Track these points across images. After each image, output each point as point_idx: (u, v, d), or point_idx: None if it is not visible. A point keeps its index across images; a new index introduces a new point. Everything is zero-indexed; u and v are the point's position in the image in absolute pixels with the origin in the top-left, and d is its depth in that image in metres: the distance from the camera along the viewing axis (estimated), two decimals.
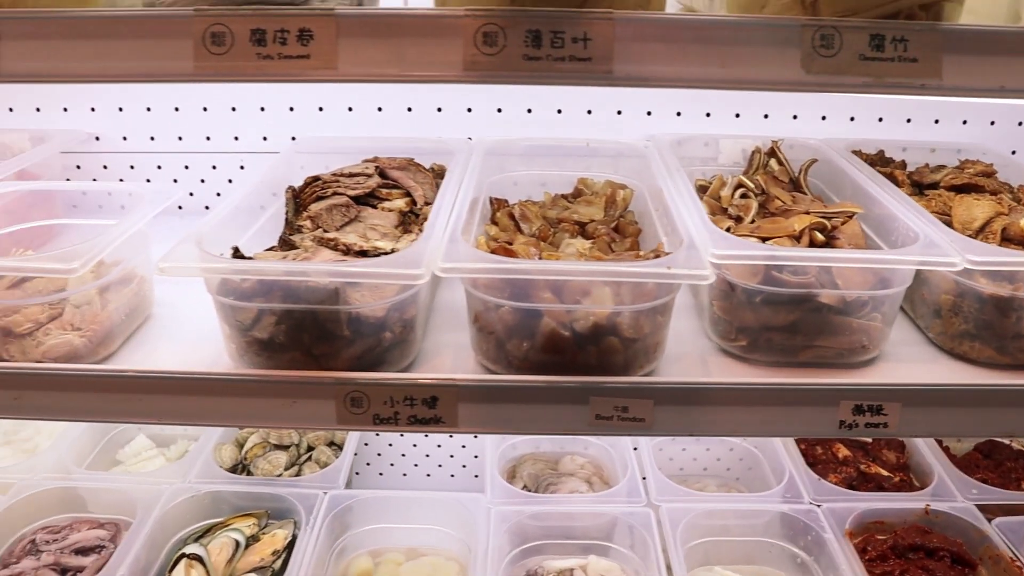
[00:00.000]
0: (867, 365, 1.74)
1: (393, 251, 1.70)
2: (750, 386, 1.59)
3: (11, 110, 2.53)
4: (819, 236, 1.81)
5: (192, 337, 1.81)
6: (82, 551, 2.38)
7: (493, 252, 1.62)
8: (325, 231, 1.86)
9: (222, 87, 2.44)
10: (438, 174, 2.18)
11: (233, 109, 2.45)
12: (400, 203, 2.02)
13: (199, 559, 2.28)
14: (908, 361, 1.76)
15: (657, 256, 1.62)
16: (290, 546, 2.37)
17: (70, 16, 1.35)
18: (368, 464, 3.04)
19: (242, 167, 2.52)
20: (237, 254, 1.68)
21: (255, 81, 1.33)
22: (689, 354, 1.77)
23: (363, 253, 1.72)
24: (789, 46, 1.34)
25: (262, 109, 2.44)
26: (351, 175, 2.07)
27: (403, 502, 2.56)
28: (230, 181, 2.54)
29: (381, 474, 3.06)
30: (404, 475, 3.06)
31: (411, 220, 2.00)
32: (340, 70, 1.32)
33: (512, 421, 1.60)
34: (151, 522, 2.35)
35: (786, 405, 1.60)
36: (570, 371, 1.59)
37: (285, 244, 1.83)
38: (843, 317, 1.69)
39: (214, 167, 2.53)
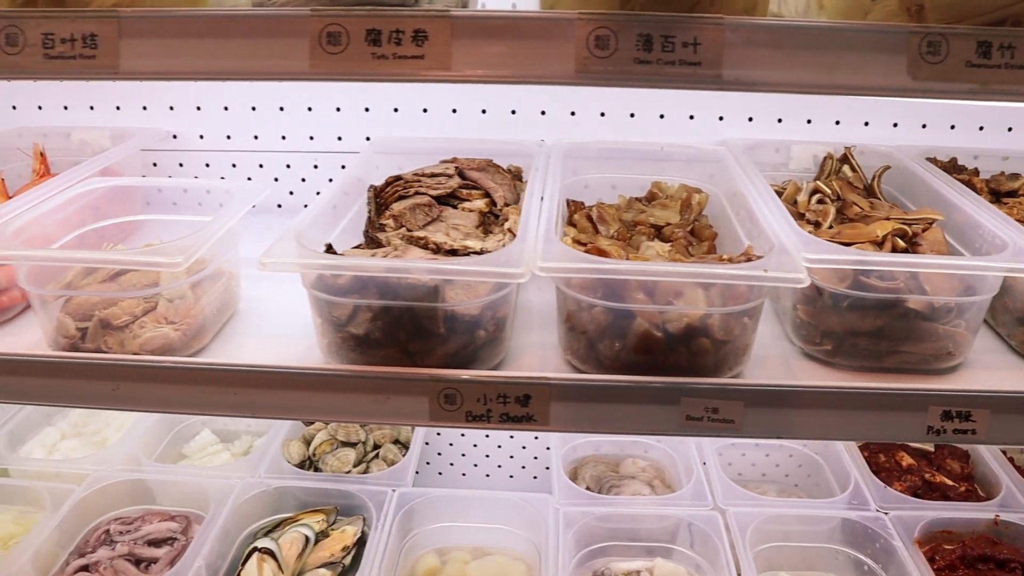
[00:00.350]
0: (951, 372, 1.74)
1: (483, 251, 1.73)
2: (841, 390, 1.60)
3: (92, 108, 2.58)
4: (900, 242, 1.82)
5: (279, 332, 1.84)
6: (154, 542, 2.42)
7: (587, 252, 1.63)
8: (409, 230, 1.89)
9: (298, 88, 2.47)
10: (515, 176, 2.20)
11: (309, 109, 2.49)
12: (480, 203, 2.05)
13: (271, 553, 2.30)
14: (991, 369, 1.77)
15: (749, 259, 1.64)
16: (359, 542, 2.40)
17: (188, 15, 1.38)
18: (428, 463, 3.06)
19: (315, 166, 2.55)
20: (330, 251, 1.71)
21: (369, 80, 1.35)
22: (772, 357, 1.78)
23: (453, 252, 1.75)
24: (896, 52, 1.35)
25: (338, 109, 2.48)
26: (432, 175, 2.09)
27: (469, 501, 2.58)
28: (303, 180, 2.57)
29: (440, 473, 3.08)
30: (463, 475, 3.08)
31: (490, 221, 2.02)
32: (454, 70, 1.34)
33: (603, 420, 1.61)
34: (224, 516, 2.39)
35: (875, 409, 1.61)
36: (660, 371, 1.61)
37: (372, 242, 1.86)
38: (930, 323, 1.69)
39: (288, 166, 2.56)
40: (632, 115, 2.44)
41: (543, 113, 2.45)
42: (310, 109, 2.49)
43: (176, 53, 1.39)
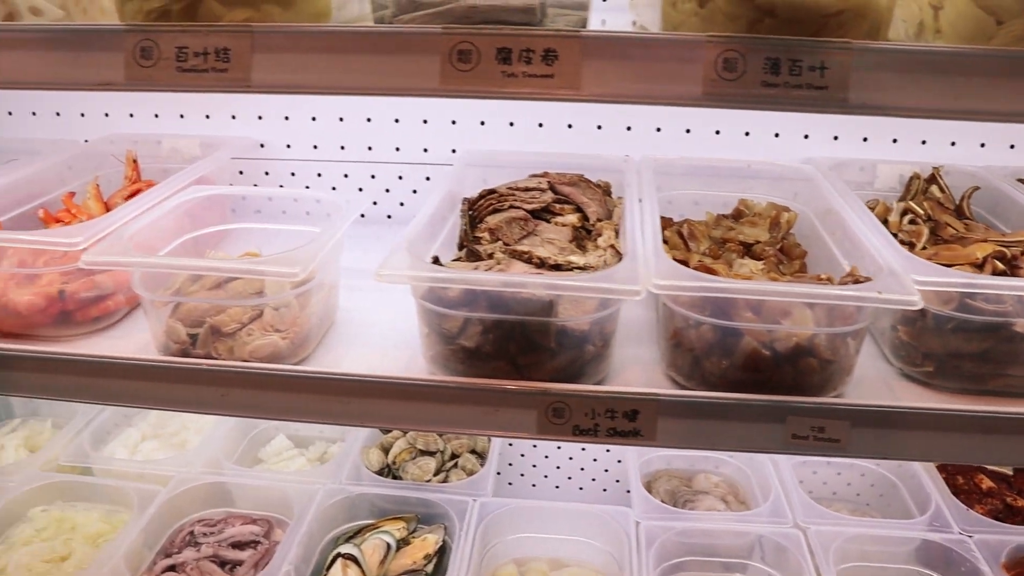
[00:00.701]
0: None
1: (586, 267, 1.75)
2: (951, 412, 1.60)
3: (182, 116, 2.63)
4: (999, 265, 1.81)
5: (379, 342, 1.87)
6: (238, 545, 2.45)
7: (696, 270, 1.64)
8: (506, 243, 1.91)
9: (385, 101, 2.50)
10: (605, 191, 2.22)
11: (396, 121, 2.52)
12: (573, 218, 2.06)
13: (355, 559, 2.33)
14: None
15: (856, 280, 1.64)
16: (439, 551, 2.42)
17: (320, 31, 1.41)
18: (498, 473, 3.07)
19: (400, 177, 2.58)
20: (437, 262, 1.73)
21: (498, 98, 1.37)
22: (871, 378, 1.78)
23: (557, 267, 1.77)
24: None
25: (424, 122, 2.51)
26: (526, 189, 2.11)
27: (548, 512, 2.59)
28: (387, 190, 2.60)
29: (510, 483, 3.10)
30: (533, 485, 3.09)
31: (582, 236, 2.03)
32: (583, 90, 1.36)
33: (709, 437, 1.62)
34: (307, 521, 2.42)
35: (983, 432, 1.61)
36: (764, 389, 1.61)
37: (472, 254, 1.88)
38: None
39: (372, 176, 2.59)
40: (717, 132, 2.45)
41: (628, 129, 2.46)
42: (397, 121, 2.52)
43: (306, 68, 1.42)
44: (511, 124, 2.48)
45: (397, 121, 2.52)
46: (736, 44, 1.34)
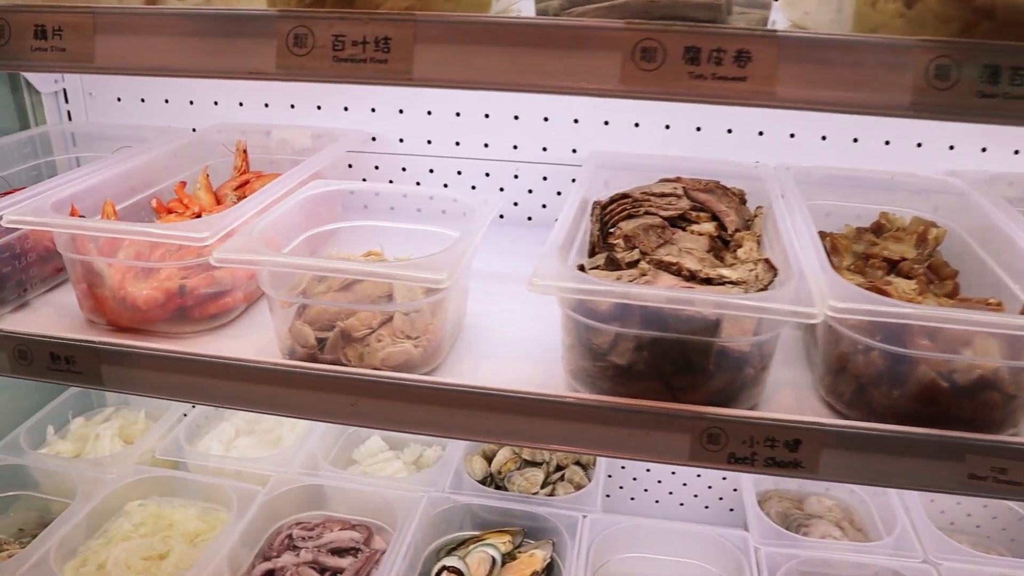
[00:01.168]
0: None
1: (739, 282, 1.63)
2: None
3: (292, 107, 2.55)
4: None
5: (513, 351, 1.78)
6: (337, 551, 2.38)
7: (868, 291, 1.52)
8: (643, 252, 1.80)
9: (505, 95, 2.40)
10: (740, 199, 2.10)
11: (516, 118, 2.42)
12: (709, 227, 1.95)
13: (460, 573, 2.24)
14: None
15: None
16: (547, 568, 2.32)
17: (489, 22, 1.31)
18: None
19: (516, 176, 2.48)
20: (582, 270, 1.63)
21: (684, 101, 1.26)
22: None
23: (707, 281, 1.65)
24: None
25: (545, 119, 2.40)
26: (661, 195, 2.00)
27: (660, 531, 2.48)
28: (501, 189, 2.50)
29: (608, 495, 2.98)
30: (632, 499, 2.98)
31: (718, 246, 1.92)
32: (778, 95, 1.24)
33: (877, 472, 1.50)
34: (412, 530, 2.33)
35: None
36: (938, 423, 1.48)
37: (611, 263, 1.78)
38: None
39: (487, 174, 2.50)
40: (855, 140, 2.32)
41: (760, 134, 2.34)
42: (516, 118, 2.42)
43: (472, 61, 1.32)
44: (636, 125, 2.37)
45: (516, 118, 2.42)
46: (950, 50, 1.21)
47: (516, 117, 2.42)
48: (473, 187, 2.52)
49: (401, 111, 2.48)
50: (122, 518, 2.48)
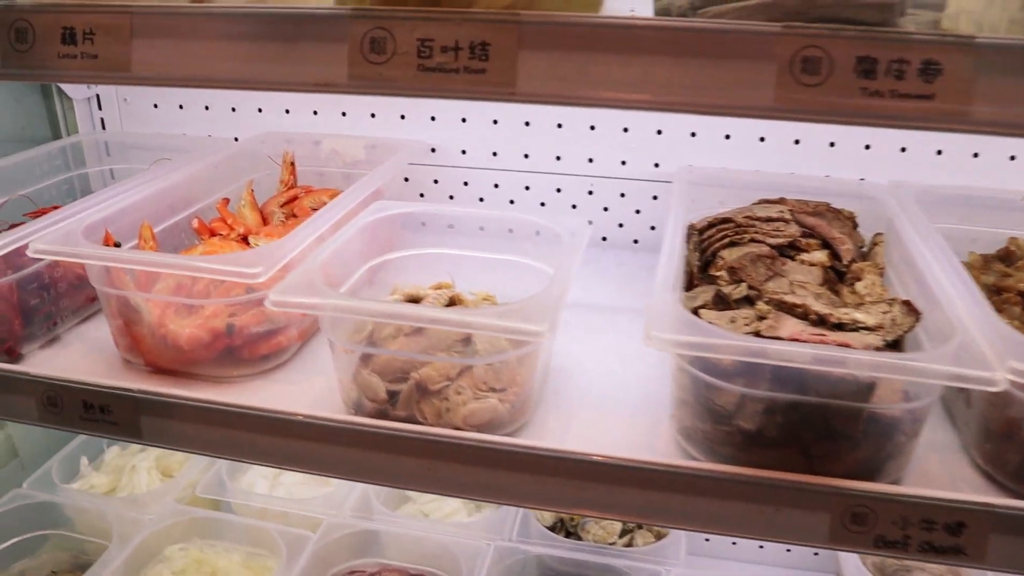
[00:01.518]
0: None
1: (876, 327, 1.39)
2: None
3: (344, 114, 2.34)
4: None
5: (608, 403, 1.55)
6: None
7: None
8: (751, 286, 1.57)
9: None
10: (852, 222, 1.86)
11: (592, 128, 2.19)
12: (821, 256, 1.71)
13: None
14: None
15: None
16: None
17: (611, 24, 1.07)
18: None
19: (591, 192, 2.25)
20: (696, 314, 1.40)
21: (852, 124, 1.02)
22: None
23: (840, 326, 1.41)
24: None
25: (625, 130, 2.17)
26: (768, 219, 1.77)
27: None
28: (574, 206, 2.28)
29: None
30: (707, 540, 2.74)
31: (832, 279, 1.68)
32: (971, 117, 1.00)
33: None
34: None
35: None
36: None
37: (720, 301, 1.54)
38: None
39: (558, 190, 2.27)
40: (975, 155, 2.07)
41: (867, 148, 2.09)
42: (592, 128, 2.19)
43: (587, 72, 1.09)
44: (727, 137, 2.13)
45: (593, 128, 2.19)
46: None
47: (592, 127, 2.19)
48: (542, 204, 2.29)
49: (464, 120, 2.26)
50: (161, 564, 2.27)
